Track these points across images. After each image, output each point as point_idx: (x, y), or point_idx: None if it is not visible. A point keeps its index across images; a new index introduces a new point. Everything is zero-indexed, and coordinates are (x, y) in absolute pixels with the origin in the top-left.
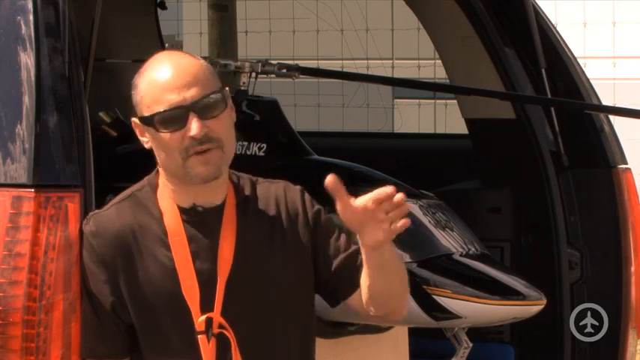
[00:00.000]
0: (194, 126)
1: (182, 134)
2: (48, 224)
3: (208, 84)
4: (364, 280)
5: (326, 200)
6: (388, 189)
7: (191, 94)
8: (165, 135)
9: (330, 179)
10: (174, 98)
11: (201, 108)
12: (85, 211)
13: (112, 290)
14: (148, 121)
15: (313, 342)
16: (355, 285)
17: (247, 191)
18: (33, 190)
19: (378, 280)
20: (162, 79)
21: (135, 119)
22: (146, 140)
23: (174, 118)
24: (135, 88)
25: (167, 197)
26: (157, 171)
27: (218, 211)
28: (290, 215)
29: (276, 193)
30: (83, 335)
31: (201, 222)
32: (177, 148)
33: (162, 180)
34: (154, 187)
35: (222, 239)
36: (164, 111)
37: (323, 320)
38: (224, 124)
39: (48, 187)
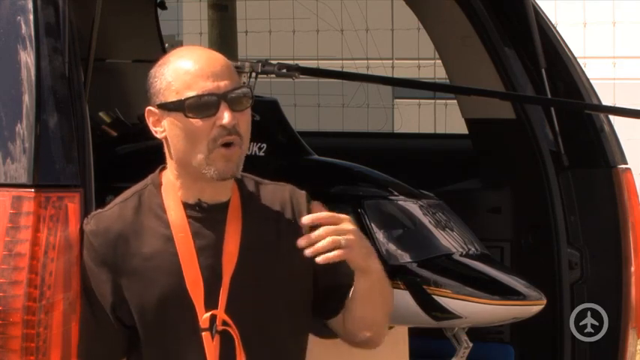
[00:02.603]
0: (226, 115)
1: (211, 123)
2: (48, 224)
3: (237, 78)
4: (349, 302)
5: (326, 200)
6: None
7: (225, 83)
8: (195, 121)
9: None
10: (208, 85)
11: (233, 99)
12: (85, 211)
13: (112, 290)
14: (176, 106)
15: (307, 341)
16: (338, 308)
17: (252, 190)
18: (33, 190)
19: (363, 305)
20: (195, 65)
21: (152, 107)
22: (161, 130)
23: (206, 104)
24: (156, 77)
25: (172, 194)
26: (161, 169)
27: (223, 208)
28: (295, 219)
29: (281, 196)
30: (80, 336)
31: (207, 218)
32: (206, 137)
33: (169, 176)
34: (158, 185)
35: (228, 236)
36: (197, 95)
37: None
38: (248, 119)
39: (48, 187)
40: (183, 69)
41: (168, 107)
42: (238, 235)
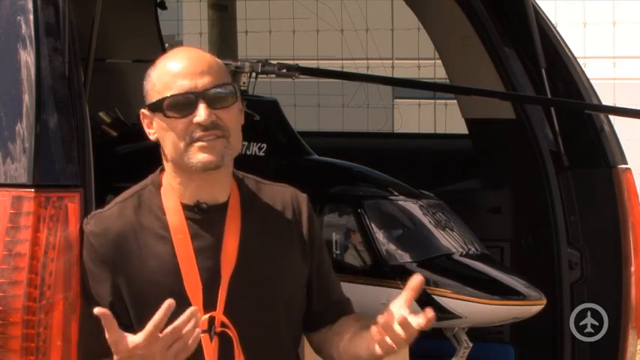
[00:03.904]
0: (201, 112)
1: (189, 120)
2: (48, 224)
3: (220, 76)
4: (336, 339)
5: (325, 200)
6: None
7: (203, 82)
8: (173, 121)
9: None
10: (185, 84)
11: (212, 97)
12: (85, 211)
13: (111, 290)
14: (156, 106)
15: (300, 343)
16: (322, 324)
17: (252, 191)
18: (33, 190)
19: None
20: (175, 66)
21: (143, 109)
22: (152, 132)
23: (183, 103)
24: (147, 78)
25: (171, 195)
26: (161, 170)
27: (222, 208)
28: (295, 222)
29: (282, 197)
30: (79, 335)
31: (205, 219)
32: (183, 134)
33: (168, 176)
34: (157, 186)
35: (226, 237)
36: (174, 95)
37: None
38: (232, 116)
39: (48, 187)
40: (166, 70)
41: (151, 108)
42: (237, 236)
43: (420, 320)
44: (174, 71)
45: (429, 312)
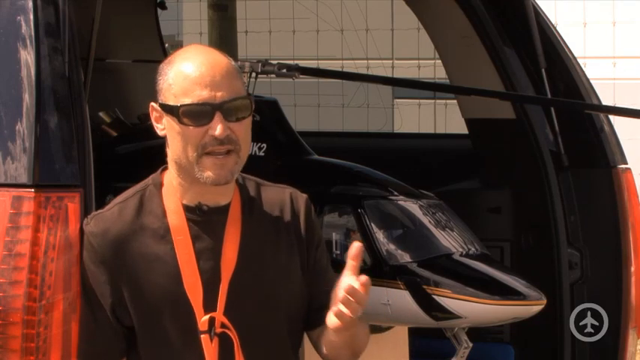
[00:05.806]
0: (218, 126)
1: (204, 131)
2: (48, 224)
3: (237, 87)
4: (322, 339)
5: (325, 200)
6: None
7: (222, 93)
8: (187, 128)
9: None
10: (204, 94)
11: (228, 109)
12: (85, 211)
13: (112, 291)
14: (171, 111)
15: (301, 343)
16: (320, 323)
17: (253, 193)
18: (33, 190)
19: (335, 342)
20: (195, 72)
21: (155, 104)
22: (161, 127)
23: (200, 113)
24: (162, 75)
25: (172, 195)
26: (162, 170)
27: (223, 211)
28: (294, 222)
29: (281, 198)
30: (79, 336)
31: (206, 221)
32: (195, 144)
33: (170, 177)
34: (159, 186)
35: (227, 239)
36: (192, 104)
37: None
38: (245, 129)
39: (48, 186)
40: (184, 73)
41: (165, 109)
42: (238, 238)
43: (357, 283)
44: (193, 77)
45: (362, 277)
